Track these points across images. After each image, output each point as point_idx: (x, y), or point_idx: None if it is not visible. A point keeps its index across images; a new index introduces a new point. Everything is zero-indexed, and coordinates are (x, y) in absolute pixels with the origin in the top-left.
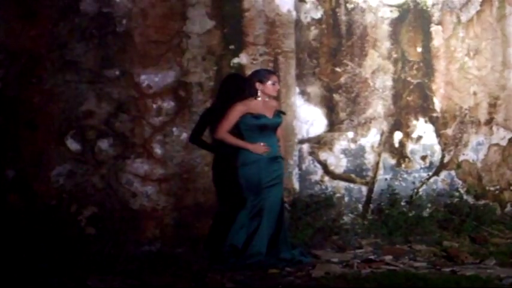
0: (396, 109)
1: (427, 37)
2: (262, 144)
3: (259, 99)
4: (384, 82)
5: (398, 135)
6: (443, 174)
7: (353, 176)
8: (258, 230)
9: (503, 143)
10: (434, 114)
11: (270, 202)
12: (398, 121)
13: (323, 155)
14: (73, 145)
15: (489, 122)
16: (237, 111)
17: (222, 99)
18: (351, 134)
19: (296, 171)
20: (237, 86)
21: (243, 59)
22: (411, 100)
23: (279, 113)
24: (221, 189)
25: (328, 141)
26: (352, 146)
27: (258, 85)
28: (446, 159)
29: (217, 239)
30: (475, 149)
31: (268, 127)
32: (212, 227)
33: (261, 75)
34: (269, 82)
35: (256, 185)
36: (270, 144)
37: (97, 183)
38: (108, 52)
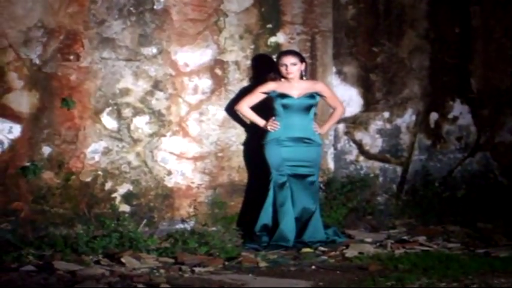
0: (433, 89)
1: (466, 17)
2: (275, 121)
3: (288, 79)
4: (421, 62)
5: (434, 116)
6: (479, 155)
7: (388, 156)
8: (284, 214)
9: None
10: (471, 95)
11: (298, 186)
12: (435, 101)
13: (358, 135)
14: (109, 122)
15: None
16: (263, 87)
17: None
18: (386, 114)
19: (331, 151)
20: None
21: (280, 38)
22: (448, 80)
23: (313, 95)
24: (253, 167)
25: (363, 121)
26: (388, 126)
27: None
28: (481, 141)
29: (251, 218)
30: (511, 131)
31: (291, 107)
32: (245, 206)
33: (276, 58)
34: (279, 64)
35: (277, 162)
36: (292, 123)
37: (132, 161)
38: (146, 30)
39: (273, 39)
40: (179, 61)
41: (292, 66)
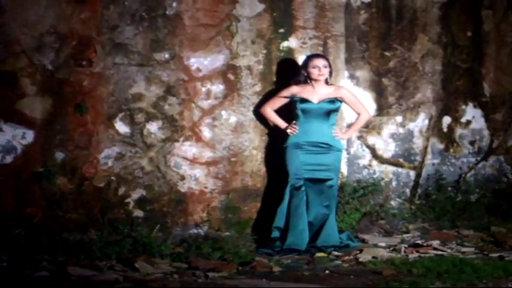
0: (445, 94)
1: (478, 21)
2: (294, 125)
3: (312, 84)
4: (434, 66)
5: (447, 120)
6: (492, 159)
7: (401, 160)
8: (298, 217)
9: None
10: (484, 99)
11: (314, 190)
12: (447, 106)
13: (371, 139)
14: (122, 128)
15: None
16: (286, 91)
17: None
18: (399, 119)
19: (344, 155)
20: (292, 71)
21: (292, 42)
22: (460, 85)
23: (334, 100)
24: (270, 172)
25: (376, 125)
26: (401, 130)
27: (304, 71)
28: (495, 144)
29: (264, 223)
30: None
31: (309, 112)
32: (259, 211)
33: (304, 62)
34: (310, 67)
35: (295, 166)
36: (311, 128)
37: (145, 166)
38: (158, 35)
39: (285, 44)
40: (192, 66)
41: (324, 68)
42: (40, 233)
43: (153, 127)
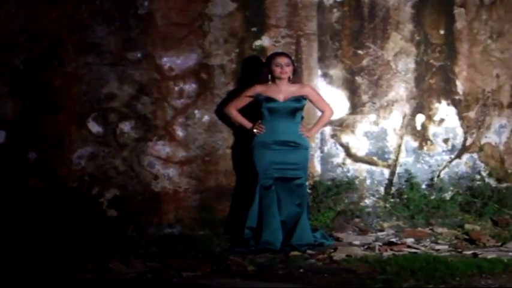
0: (418, 92)
1: (450, 19)
2: (261, 125)
3: (276, 82)
4: (407, 65)
5: (420, 118)
6: (466, 157)
7: (375, 158)
8: (270, 217)
9: None
10: (457, 97)
11: (284, 189)
12: (421, 104)
13: (345, 138)
14: (95, 128)
15: None
16: (250, 91)
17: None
18: (373, 117)
19: (318, 154)
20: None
21: (265, 41)
22: (433, 83)
23: (299, 98)
24: (240, 171)
25: (350, 123)
26: (374, 128)
27: (266, 70)
28: (468, 142)
29: (238, 222)
30: (498, 132)
31: (276, 111)
32: (232, 210)
33: (267, 60)
34: (273, 65)
35: (263, 166)
36: (277, 127)
37: (119, 166)
38: (130, 34)
39: (257, 43)
40: (164, 65)
41: (286, 66)
42: (13, 233)
43: (126, 127)
